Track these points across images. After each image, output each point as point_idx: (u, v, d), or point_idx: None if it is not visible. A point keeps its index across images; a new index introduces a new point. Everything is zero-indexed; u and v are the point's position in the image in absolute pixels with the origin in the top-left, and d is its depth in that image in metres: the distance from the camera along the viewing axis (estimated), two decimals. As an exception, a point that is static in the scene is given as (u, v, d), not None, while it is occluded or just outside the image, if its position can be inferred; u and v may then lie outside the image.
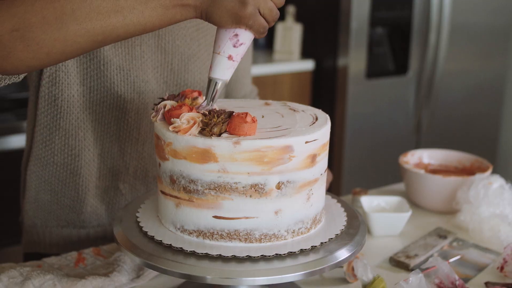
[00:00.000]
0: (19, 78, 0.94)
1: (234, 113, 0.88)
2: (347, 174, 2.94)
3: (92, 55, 1.20)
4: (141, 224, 0.95)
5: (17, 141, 2.28)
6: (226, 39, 0.90)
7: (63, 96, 1.22)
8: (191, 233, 0.90)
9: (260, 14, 0.88)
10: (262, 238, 0.89)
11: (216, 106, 0.95)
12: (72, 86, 1.21)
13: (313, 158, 0.89)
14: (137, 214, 0.99)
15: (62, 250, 1.30)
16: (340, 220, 0.99)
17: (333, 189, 2.89)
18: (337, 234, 0.94)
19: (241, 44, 0.90)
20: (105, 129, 1.26)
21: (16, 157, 2.29)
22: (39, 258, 1.17)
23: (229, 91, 1.44)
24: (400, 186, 1.53)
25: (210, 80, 0.92)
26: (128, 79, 1.23)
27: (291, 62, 2.94)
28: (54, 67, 1.20)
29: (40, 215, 1.31)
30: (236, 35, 0.89)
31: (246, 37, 0.90)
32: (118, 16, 0.87)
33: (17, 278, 1.03)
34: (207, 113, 0.89)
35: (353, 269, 1.07)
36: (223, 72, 0.91)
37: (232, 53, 0.90)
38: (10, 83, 0.93)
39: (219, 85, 0.92)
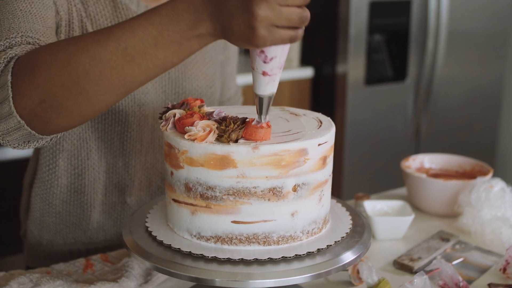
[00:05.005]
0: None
1: (247, 119, 0.89)
2: (347, 180, 2.96)
3: None
4: (154, 234, 0.95)
5: (16, 150, 2.30)
6: (255, 56, 0.83)
7: None
8: (208, 239, 0.91)
9: (279, 27, 0.78)
10: (280, 240, 0.90)
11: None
12: None
13: (324, 160, 0.91)
14: (147, 224, 0.99)
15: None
16: (345, 219, 1.01)
17: (333, 194, 2.90)
18: (347, 233, 0.96)
19: (272, 58, 0.82)
20: (109, 146, 1.26)
21: (15, 166, 2.30)
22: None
23: (214, 84, 1.45)
24: (402, 190, 1.54)
25: (255, 96, 0.87)
26: None
27: (290, 69, 2.96)
28: None
29: (45, 235, 1.31)
30: (262, 51, 0.82)
31: (275, 51, 0.82)
32: (132, 66, 0.83)
33: (26, 285, 1.05)
34: (221, 120, 0.90)
35: (358, 272, 1.09)
36: (263, 88, 0.85)
37: (265, 69, 0.83)
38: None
39: (264, 100, 0.87)
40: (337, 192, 2.96)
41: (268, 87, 0.85)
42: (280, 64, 0.84)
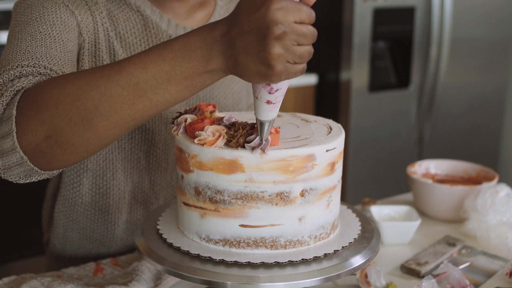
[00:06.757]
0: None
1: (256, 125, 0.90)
2: (351, 186, 2.97)
3: None
4: (164, 236, 0.96)
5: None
6: (259, 88, 0.84)
7: None
8: (217, 242, 0.92)
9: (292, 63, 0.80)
10: (287, 245, 0.91)
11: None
12: None
13: (332, 165, 0.92)
14: (158, 227, 1.00)
15: None
16: (354, 225, 1.02)
17: (337, 201, 2.91)
18: (355, 238, 0.97)
19: (277, 90, 0.84)
20: (135, 165, 1.25)
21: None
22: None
23: (240, 101, 1.46)
24: (408, 196, 1.56)
25: (256, 120, 0.88)
26: None
27: (294, 76, 2.96)
28: None
29: (68, 249, 1.31)
30: (269, 83, 0.83)
31: (281, 83, 0.84)
32: (143, 101, 0.82)
33: (38, 288, 1.06)
34: (230, 125, 0.91)
35: (366, 276, 1.10)
36: (266, 114, 0.86)
37: (269, 98, 0.84)
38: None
39: (266, 124, 0.87)
40: (341, 198, 2.96)
41: (271, 113, 0.86)
42: (284, 92, 0.85)
